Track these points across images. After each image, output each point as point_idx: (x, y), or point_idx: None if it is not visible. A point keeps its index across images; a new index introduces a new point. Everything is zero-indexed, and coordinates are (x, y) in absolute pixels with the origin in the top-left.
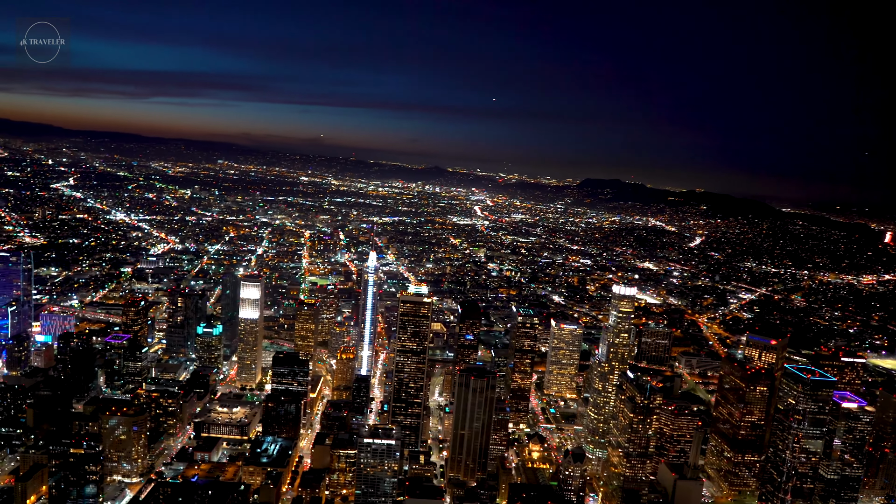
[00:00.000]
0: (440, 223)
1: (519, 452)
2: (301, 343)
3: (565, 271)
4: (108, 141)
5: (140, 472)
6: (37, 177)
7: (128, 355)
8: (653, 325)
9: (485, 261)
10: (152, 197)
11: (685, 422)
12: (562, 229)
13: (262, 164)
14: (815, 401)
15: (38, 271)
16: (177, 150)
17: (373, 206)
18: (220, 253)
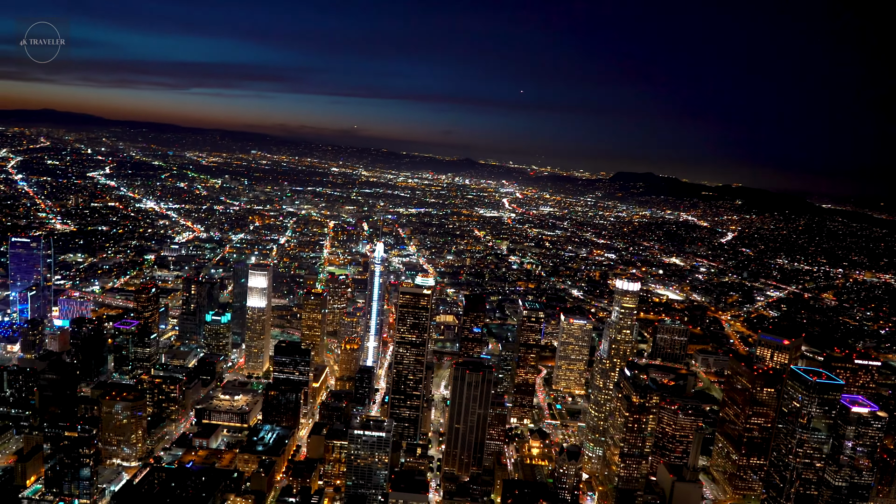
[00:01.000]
0: (466, 215)
1: (519, 448)
2: (308, 332)
3: (588, 265)
4: (146, 131)
5: (139, 457)
6: (75, 165)
7: (137, 341)
8: (669, 322)
9: (506, 253)
10: (183, 186)
11: (688, 422)
12: (590, 223)
13: (294, 155)
14: (820, 404)
15: (65, 257)
16: (212, 140)
17: (400, 197)
18: (243, 242)
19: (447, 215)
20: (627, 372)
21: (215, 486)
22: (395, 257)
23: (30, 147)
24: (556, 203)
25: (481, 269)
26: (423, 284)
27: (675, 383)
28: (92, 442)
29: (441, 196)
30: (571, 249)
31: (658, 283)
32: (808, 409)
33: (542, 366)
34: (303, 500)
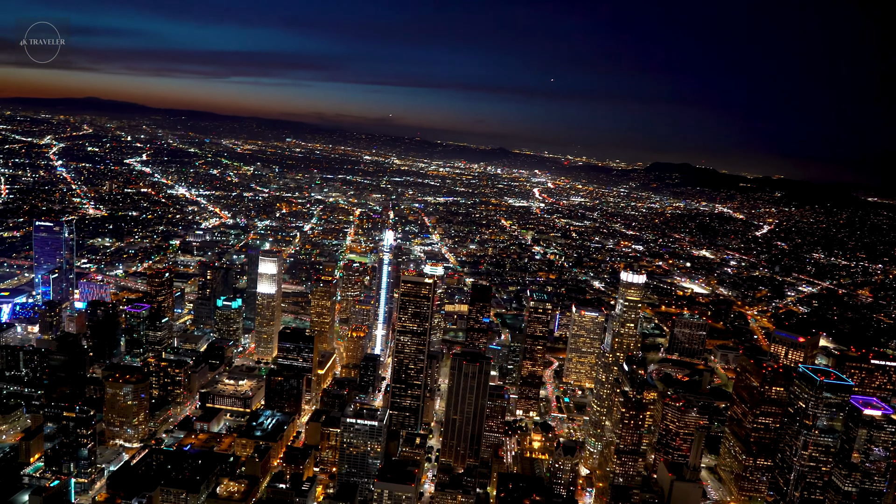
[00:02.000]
0: (495, 204)
1: (521, 441)
2: (317, 319)
3: (613, 257)
4: (185, 119)
5: (141, 438)
6: (114, 152)
7: (148, 324)
8: (687, 316)
9: (531, 243)
10: (216, 173)
11: (693, 419)
12: (621, 214)
13: (328, 143)
14: (827, 405)
15: (94, 241)
16: (249, 128)
17: (430, 185)
18: (267, 228)
19: (475, 204)
20: (626, 366)
21: (210, 470)
22: (418, 246)
23: (73, 134)
24: (588, 193)
25: (503, 259)
26: (430, 273)
27: (690, 379)
28: (91, 422)
29: (471, 185)
30: (598, 240)
31: (684, 275)
32: (815, 411)
33: (554, 358)
34: (293, 486)
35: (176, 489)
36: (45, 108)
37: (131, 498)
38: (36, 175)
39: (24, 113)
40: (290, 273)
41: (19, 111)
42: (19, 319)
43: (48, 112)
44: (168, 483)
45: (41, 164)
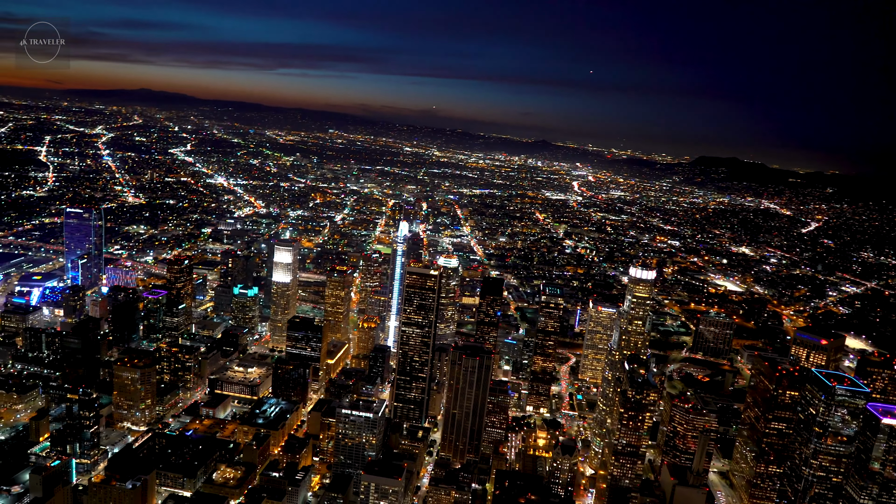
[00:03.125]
0: (531, 197)
1: (526, 438)
2: (331, 309)
3: (646, 252)
4: (232, 110)
5: (148, 422)
6: (160, 142)
7: (165, 310)
8: (713, 314)
9: (562, 237)
10: (256, 163)
11: (702, 422)
12: (660, 208)
13: (370, 135)
14: (840, 412)
15: (129, 228)
16: (293, 119)
17: (467, 177)
18: (299, 218)
19: (511, 197)
20: (627, 365)
21: (209, 455)
22: (447, 238)
23: (123, 124)
24: (629, 187)
25: (531, 252)
26: (444, 265)
27: (711, 380)
28: (94, 405)
29: (509, 178)
30: (633, 235)
31: (719, 272)
32: (826, 418)
33: (571, 354)
34: (287, 475)
35: (174, 473)
36: (100, 100)
37: (126, 480)
38: (83, 163)
39: (80, 104)
40: (315, 263)
41: (76, 102)
42: (47, 303)
43: (102, 103)
44: (167, 467)
45: (89, 153)
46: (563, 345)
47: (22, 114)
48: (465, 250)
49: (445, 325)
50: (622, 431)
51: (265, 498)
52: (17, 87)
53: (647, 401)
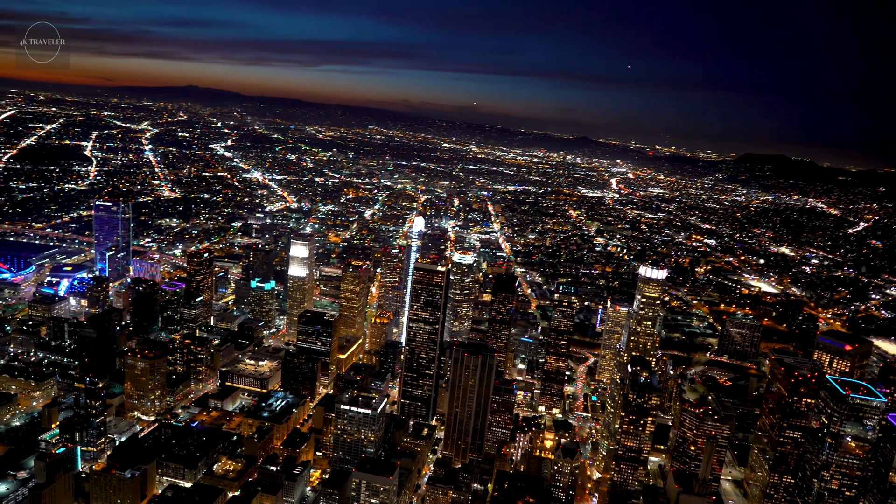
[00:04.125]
0: (566, 194)
1: (534, 439)
2: (346, 304)
3: (679, 251)
4: (274, 106)
5: (157, 412)
6: (202, 137)
7: (183, 302)
8: (740, 316)
9: (594, 235)
10: (293, 158)
11: (713, 428)
12: (700, 206)
13: (409, 130)
14: (854, 423)
15: (161, 222)
16: (333, 115)
17: (503, 174)
18: (329, 213)
19: (545, 194)
20: (629, 368)
21: (211, 447)
22: (476, 234)
23: (168, 120)
24: (669, 185)
25: (559, 250)
26: (459, 261)
27: (734, 383)
28: (100, 394)
29: (546, 174)
30: (668, 234)
31: (755, 273)
32: (839, 428)
33: (590, 353)
34: (284, 469)
35: (175, 464)
36: (148, 96)
37: (126, 469)
38: (125, 158)
39: (129, 100)
40: (340, 257)
41: (124, 98)
42: (74, 293)
43: (150, 99)
44: (169, 457)
45: (132, 149)
46: (583, 344)
47: (73, 110)
48: (492, 247)
49: (460, 321)
50: (623, 435)
51: (259, 492)
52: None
53: (648, 404)
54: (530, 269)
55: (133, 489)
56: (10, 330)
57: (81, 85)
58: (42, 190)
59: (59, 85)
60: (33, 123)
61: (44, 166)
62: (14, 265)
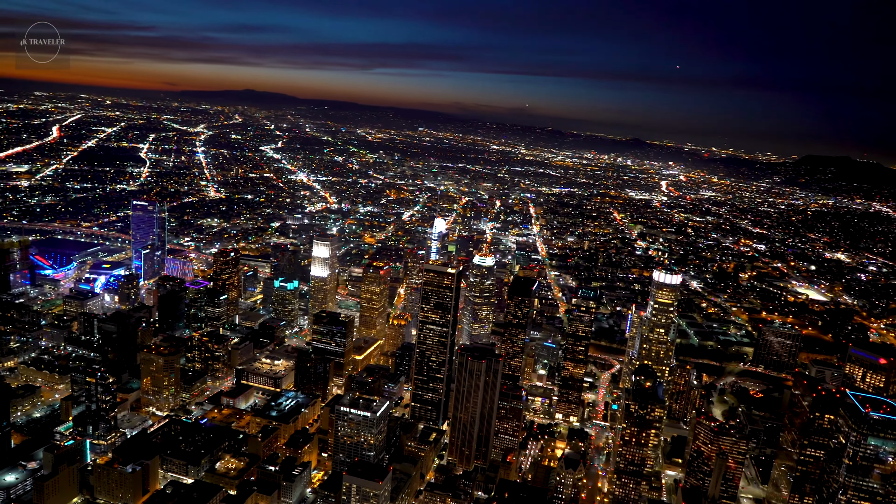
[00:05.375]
0: (612, 197)
1: (545, 447)
2: (366, 305)
3: (725, 255)
4: (328, 109)
5: (171, 408)
6: (254, 140)
7: (207, 300)
8: (777, 325)
9: (635, 238)
10: (340, 160)
11: (728, 443)
12: (753, 210)
13: (458, 132)
14: (873, 442)
15: (202, 221)
16: (385, 117)
17: (549, 176)
18: (367, 214)
19: (590, 196)
20: (633, 377)
21: (216, 444)
22: (513, 236)
23: (224, 123)
24: (722, 188)
25: (596, 253)
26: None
27: (766, 396)
28: (110, 389)
29: (593, 176)
30: (715, 238)
31: (804, 280)
32: (856, 448)
33: (616, 360)
34: (283, 470)
35: (179, 460)
36: (207, 100)
37: (129, 464)
38: (177, 160)
39: (188, 104)
40: (373, 258)
41: (184, 102)
42: (109, 290)
43: (208, 103)
44: (174, 453)
45: (185, 151)
46: (611, 350)
47: (135, 114)
48: (528, 249)
49: (480, 324)
50: (625, 448)
51: (255, 491)
52: (135, 90)
53: (651, 416)
54: (564, 272)
55: (134, 483)
56: (45, 324)
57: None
58: (95, 190)
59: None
60: (97, 127)
61: (100, 167)
62: (56, 262)
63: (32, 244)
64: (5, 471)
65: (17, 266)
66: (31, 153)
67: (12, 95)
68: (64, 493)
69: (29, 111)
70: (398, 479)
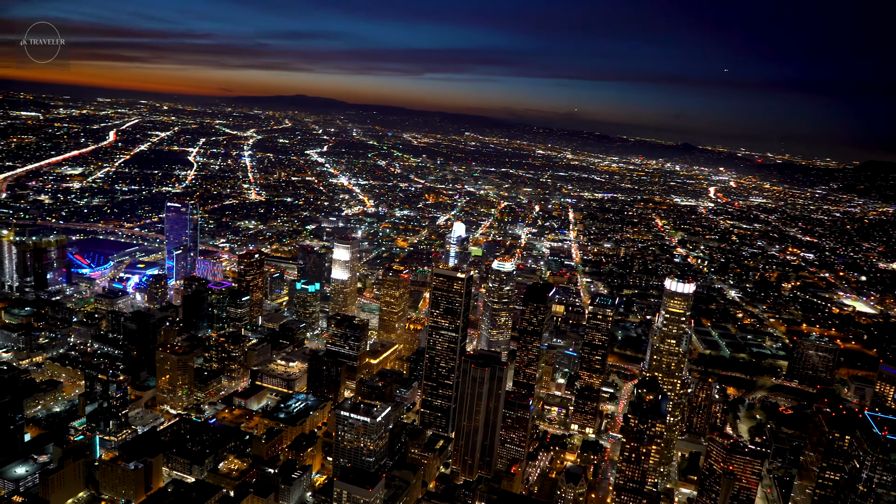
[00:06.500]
0: (656, 202)
1: (554, 459)
2: (385, 309)
3: (769, 264)
4: (376, 113)
5: (185, 407)
6: (300, 144)
7: (229, 301)
8: (813, 337)
9: (675, 245)
10: (383, 164)
11: (742, 462)
12: (805, 217)
13: (504, 137)
14: (889, 467)
15: (239, 223)
16: (432, 122)
17: (593, 181)
18: (403, 218)
19: (633, 202)
20: (636, 390)
21: (222, 445)
22: (548, 241)
23: (273, 128)
24: (774, 194)
25: (631, 260)
26: (498, 268)
27: (797, 412)
28: (121, 386)
29: (639, 182)
30: (760, 246)
31: (852, 291)
32: (871, 473)
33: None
34: (282, 472)
35: (183, 458)
36: (259, 105)
37: (132, 461)
38: (224, 163)
39: (241, 109)
40: (403, 262)
41: (237, 108)
42: (140, 290)
43: (260, 108)
44: (179, 452)
45: (232, 154)
46: (635, 360)
47: (189, 119)
48: (561, 255)
49: (499, 331)
50: (624, 464)
51: (251, 493)
52: (191, 96)
53: (651, 431)
54: (597, 278)
55: (136, 480)
56: (75, 321)
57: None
58: (141, 192)
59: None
60: (151, 131)
61: (148, 170)
62: (94, 261)
63: (75, 244)
64: (17, 463)
65: (55, 264)
66: (87, 157)
67: (77, 101)
68: (69, 487)
69: (91, 116)
70: (396, 487)
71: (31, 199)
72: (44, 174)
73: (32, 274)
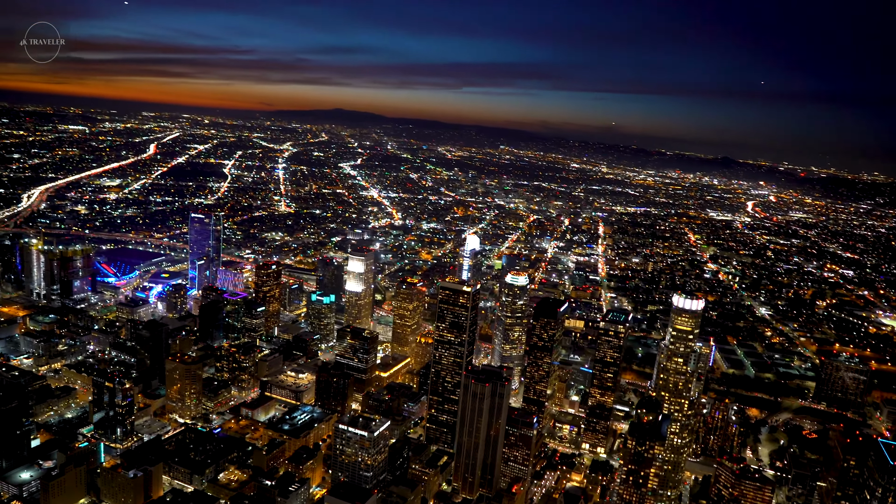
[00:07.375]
0: (690, 217)
1: (560, 479)
2: (398, 321)
3: (805, 281)
4: (412, 127)
5: (192, 416)
6: (335, 157)
7: (245, 312)
8: (843, 358)
9: (706, 260)
10: (414, 177)
11: (751, 489)
12: (847, 233)
13: (539, 150)
14: None
15: (266, 235)
16: (467, 135)
17: (627, 195)
18: (430, 231)
19: (666, 216)
20: (635, 411)
21: (224, 455)
22: (574, 255)
23: (309, 141)
24: (815, 209)
25: (658, 275)
26: (512, 282)
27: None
28: (126, 394)
29: (675, 196)
30: (796, 262)
31: (893, 310)
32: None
33: None
34: (279, 485)
35: (184, 468)
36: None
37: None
38: (257, 176)
39: (279, 123)
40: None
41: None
42: (161, 299)
43: (298, 122)
44: (181, 461)
45: (266, 167)
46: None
47: (228, 132)
48: (587, 269)
49: (512, 346)
50: (622, 487)
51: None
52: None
53: (650, 453)
54: (621, 294)
55: (136, 488)
56: (96, 328)
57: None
58: (174, 203)
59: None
60: (191, 144)
61: (183, 182)
62: (120, 270)
63: (104, 253)
64: (22, 468)
65: (80, 273)
66: (126, 169)
67: (122, 115)
68: (71, 494)
69: (134, 130)
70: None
71: (68, 209)
72: (83, 185)
73: (59, 282)
